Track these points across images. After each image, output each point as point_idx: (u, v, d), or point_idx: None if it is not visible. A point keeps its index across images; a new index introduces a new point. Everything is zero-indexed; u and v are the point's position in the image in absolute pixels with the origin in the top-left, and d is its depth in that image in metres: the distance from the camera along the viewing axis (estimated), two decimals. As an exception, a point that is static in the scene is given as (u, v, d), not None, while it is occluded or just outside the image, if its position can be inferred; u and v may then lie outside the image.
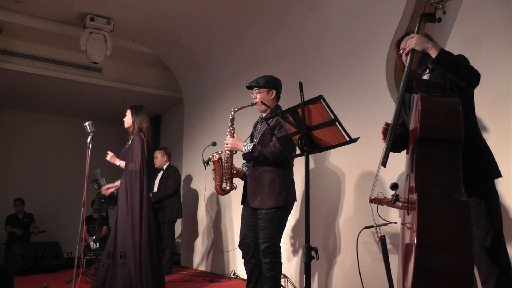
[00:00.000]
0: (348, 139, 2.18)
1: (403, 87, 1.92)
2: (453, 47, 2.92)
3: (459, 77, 1.81)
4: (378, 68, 3.30)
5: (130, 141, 3.47)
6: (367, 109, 3.40)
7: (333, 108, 2.15)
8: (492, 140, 2.54)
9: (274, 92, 3.05)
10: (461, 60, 1.87)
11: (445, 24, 2.82)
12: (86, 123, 3.52)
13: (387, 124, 2.09)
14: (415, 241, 1.50)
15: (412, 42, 1.93)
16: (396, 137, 2.04)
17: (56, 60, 6.14)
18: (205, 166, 3.24)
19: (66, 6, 5.11)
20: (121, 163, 3.42)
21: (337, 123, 2.14)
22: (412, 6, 3.19)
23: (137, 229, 3.23)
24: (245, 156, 2.94)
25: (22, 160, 7.97)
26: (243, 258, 3.02)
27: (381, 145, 3.21)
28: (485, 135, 2.00)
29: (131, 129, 3.51)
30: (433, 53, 1.86)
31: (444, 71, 1.86)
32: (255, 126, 3.17)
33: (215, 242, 4.66)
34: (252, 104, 3.03)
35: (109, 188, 3.60)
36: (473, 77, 1.83)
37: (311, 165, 3.78)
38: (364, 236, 3.06)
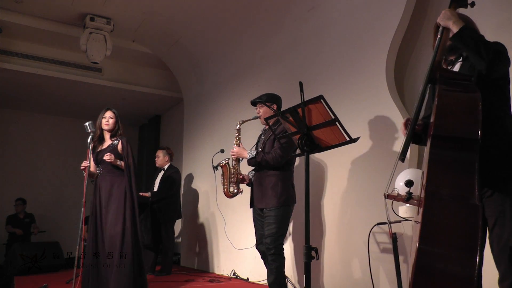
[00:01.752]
0: (348, 139, 2.18)
1: (426, 79, 1.82)
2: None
3: (478, 54, 1.68)
4: (378, 68, 3.30)
5: (117, 143, 3.52)
6: (367, 108, 3.40)
7: (333, 108, 2.15)
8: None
9: (275, 106, 3.30)
10: (483, 39, 1.74)
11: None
12: (86, 123, 3.52)
13: (407, 120, 1.97)
14: (417, 241, 1.48)
15: (438, 19, 1.83)
16: (420, 131, 1.93)
17: (56, 60, 6.15)
18: (214, 171, 3.55)
19: (66, 6, 5.11)
20: (121, 163, 3.45)
21: (337, 123, 2.14)
22: (412, 6, 3.19)
23: (136, 226, 3.31)
24: (249, 161, 3.26)
25: (22, 160, 7.97)
26: (262, 258, 3.31)
27: (381, 144, 3.22)
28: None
29: (113, 131, 3.58)
30: (455, 29, 1.76)
31: (463, 47, 1.76)
32: (259, 138, 3.48)
33: (229, 241, 4.68)
34: (256, 118, 3.38)
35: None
36: (494, 55, 1.67)
37: (313, 164, 3.79)
38: (364, 236, 3.05)
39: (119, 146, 3.50)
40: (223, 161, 3.41)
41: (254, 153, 3.24)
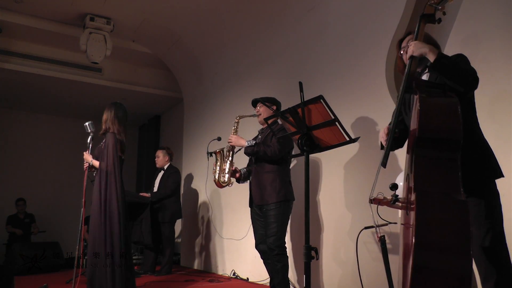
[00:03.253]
0: (348, 139, 2.18)
1: (403, 88, 1.92)
2: (453, 47, 2.92)
3: (456, 83, 1.81)
4: (378, 68, 3.30)
5: (104, 140, 3.42)
6: (366, 109, 3.40)
7: (333, 108, 2.15)
8: (492, 140, 2.54)
9: (275, 107, 3.36)
10: (459, 64, 1.86)
11: (444, 24, 2.82)
12: (86, 123, 3.51)
13: (388, 129, 2.09)
14: (413, 241, 1.50)
15: (409, 50, 1.93)
16: (396, 139, 2.05)
17: (56, 60, 6.15)
18: (208, 157, 3.55)
19: (66, 6, 5.11)
20: (94, 161, 3.35)
21: (337, 123, 2.14)
22: (412, 6, 3.19)
23: (110, 228, 3.18)
24: (247, 149, 3.25)
25: (22, 160, 7.97)
26: (262, 258, 3.32)
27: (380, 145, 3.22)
28: (484, 135, 1.99)
29: (103, 127, 3.45)
30: (431, 58, 1.86)
31: (441, 76, 1.86)
32: (255, 138, 3.49)
33: (219, 237, 4.69)
34: (254, 115, 3.45)
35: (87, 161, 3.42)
36: (471, 82, 1.82)
37: (311, 165, 3.79)
38: (363, 236, 3.06)
39: (104, 144, 3.40)
40: (218, 149, 3.41)
41: (253, 142, 3.27)
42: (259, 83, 4.81)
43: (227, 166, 3.36)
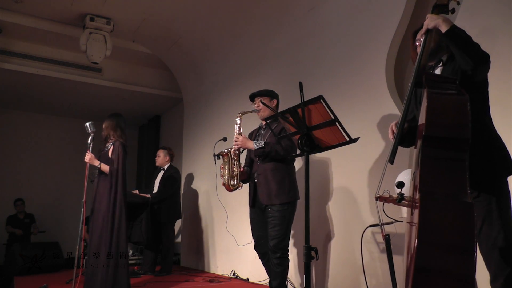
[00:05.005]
0: (348, 139, 2.18)
1: (413, 82, 1.86)
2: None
3: (467, 54, 1.74)
4: (378, 68, 3.30)
5: (110, 146, 3.55)
6: (367, 108, 3.40)
7: (333, 108, 2.15)
8: (506, 136, 2.52)
9: (275, 101, 3.29)
10: (472, 40, 1.81)
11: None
12: (87, 124, 3.52)
13: (395, 125, 2.03)
14: (416, 240, 1.48)
15: (425, 24, 1.88)
16: (404, 133, 1.99)
17: (56, 60, 6.15)
18: (215, 160, 3.33)
19: (66, 6, 5.11)
20: (102, 165, 3.46)
21: (337, 123, 2.14)
22: (412, 6, 3.19)
23: (123, 229, 3.37)
24: (257, 151, 3.09)
25: (22, 160, 7.97)
26: (261, 259, 3.24)
27: (381, 144, 3.22)
28: (498, 131, 1.94)
29: (103, 135, 3.65)
30: (444, 28, 1.80)
31: (452, 45, 1.81)
32: (257, 132, 3.35)
33: (233, 237, 4.63)
34: (255, 111, 3.27)
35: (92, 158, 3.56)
36: (482, 57, 1.76)
37: (313, 164, 3.79)
38: (365, 236, 3.06)
39: (110, 150, 3.53)
40: (225, 150, 3.21)
41: (262, 142, 3.10)
42: (259, 83, 4.79)
43: (236, 169, 3.19)
